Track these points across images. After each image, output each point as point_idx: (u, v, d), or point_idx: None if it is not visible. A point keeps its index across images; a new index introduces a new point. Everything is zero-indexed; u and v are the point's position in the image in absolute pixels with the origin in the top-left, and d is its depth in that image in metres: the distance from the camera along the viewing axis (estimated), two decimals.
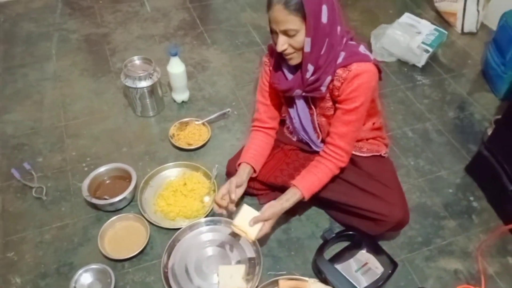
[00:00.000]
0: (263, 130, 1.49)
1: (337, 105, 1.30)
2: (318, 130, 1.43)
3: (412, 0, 2.78)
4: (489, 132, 1.72)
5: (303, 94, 1.31)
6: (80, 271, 1.36)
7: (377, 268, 1.37)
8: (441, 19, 2.60)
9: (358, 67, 1.21)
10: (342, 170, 1.39)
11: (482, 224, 1.58)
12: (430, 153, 1.83)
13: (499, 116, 1.67)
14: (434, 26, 2.28)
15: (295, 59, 1.22)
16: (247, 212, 1.31)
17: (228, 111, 1.93)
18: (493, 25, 2.33)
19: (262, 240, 1.48)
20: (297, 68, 1.26)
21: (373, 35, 2.33)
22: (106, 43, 2.38)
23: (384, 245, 1.48)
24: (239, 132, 1.89)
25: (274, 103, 1.45)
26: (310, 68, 1.21)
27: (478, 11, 2.41)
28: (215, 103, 2.02)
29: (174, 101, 2.01)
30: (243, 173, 1.40)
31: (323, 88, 1.26)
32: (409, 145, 1.86)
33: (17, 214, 1.56)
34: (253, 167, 1.43)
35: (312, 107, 1.37)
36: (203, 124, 1.86)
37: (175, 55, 1.83)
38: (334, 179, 1.45)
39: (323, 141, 1.47)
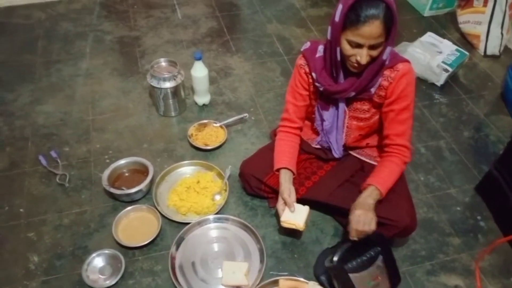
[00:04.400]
0: (292, 130, 1.55)
1: (385, 108, 1.36)
2: (346, 134, 1.49)
3: (437, 21, 2.80)
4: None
5: (354, 95, 1.36)
6: (93, 255, 1.45)
7: (384, 283, 1.39)
8: (465, 41, 2.61)
9: (404, 66, 1.30)
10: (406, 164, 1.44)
11: (487, 244, 1.58)
12: (441, 171, 1.85)
13: None
14: (456, 47, 2.30)
15: (363, 67, 1.25)
16: (297, 209, 1.44)
17: (246, 116, 2.00)
18: None
19: (267, 241, 1.54)
20: (349, 71, 1.30)
21: None
22: (137, 45, 2.50)
23: None
24: (254, 136, 1.96)
25: (303, 105, 1.50)
26: (373, 72, 1.27)
27: (502, 34, 2.42)
28: (234, 108, 2.10)
29: (196, 103, 2.10)
30: (286, 179, 1.47)
31: (373, 90, 1.33)
32: (421, 161, 1.88)
33: (40, 197, 1.67)
34: (292, 171, 1.49)
35: (346, 109, 1.43)
36: (221, 126, 1.94)
37: (199, 59, 1.92)
38: (342, 184, 1.49)
39: (345, 147, 1.53)
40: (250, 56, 2.46)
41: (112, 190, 1.60)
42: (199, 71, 1.96)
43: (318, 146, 1.58)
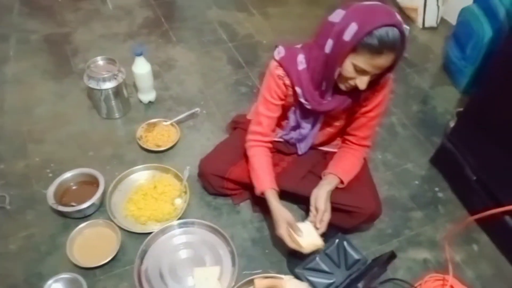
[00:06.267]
0: (265, 144, 1.42)
1: (360, 114, 1.33)
2: (316, 137, 1.46)
3: None
4: (451, 124, 1.79)
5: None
6: (49, 281, 1.31)
7: None
8: (403, 14, 2.67)
9: (386, 77, 1.21)
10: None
11: (448, 214, 1.64)
12: (397, 147, 1.88)
13: (461, 109, 1.74)
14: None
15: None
16: (303, 229, 1.31)
17: (197, 111, 1.91)
18: (453, 20, 2.41)
19: (236, 240, 1.49)
20: (336, 86, 1.21)
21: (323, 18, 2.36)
22: (67, 43, 2.30)
23: (356, 238, 1.52)
24: (209, 131, 1.87)
25: (277, 115, 1.39)
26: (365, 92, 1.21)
27: (438, 6, 2.49)
28: (183, 103, 2.00)
29: (141, 101, 1.97)
30: (278, 201, 1.34)
31: (357, 101, 1.28)
32: (377, 139, 1.89)
33: None
34: (276, 190, 1.37)
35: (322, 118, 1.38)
36: (172, 124, 1.84)
37: (140, 55, 1.79)
38: (306, 175, 1.47)
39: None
40: (193, 45, 2.35)
41: (61, 208, 1.46)
42: (141, 68, 1.83)
43: (280, 140, 1.53)
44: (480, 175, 1.57)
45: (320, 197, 1.33)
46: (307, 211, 1.39)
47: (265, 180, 1.36)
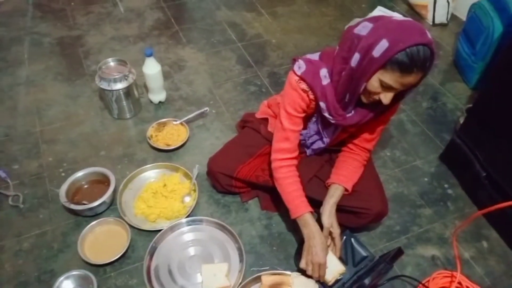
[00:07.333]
0: (293, 162, 1.36)
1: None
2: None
3: None
4: (461, 121, 1.77)
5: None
6: (61, 278, 1.34)
7: None
8: (413, 12, 2.65)
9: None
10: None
11: (457, 211, 1.63)
12: (406, 144, 1.87)
13: (471, 105, 1.72)
14: (409, 18, 2.32)
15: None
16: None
17: (206, 110, 1.93)
18: (463, 16, 2.39)
19: (244, 237, 1.50)
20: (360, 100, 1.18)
21: (346, 28, 2.35)
22: (79, 45, 2.34)
23: (363, 235, 1.52)
24: (218, 130, 1.89)
25: (301, 128, 1.34)
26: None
27: (448, 2, 2.47)
28: (193, 103, 2.02)
29: (151, 102, 2.00)
30: (314, 224, 1.30)
31: (379, 115, 1.27)
32: (386, 137, 1.89)
33: None
34: (311, 212, 1.34)
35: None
36: (181, 124, 1.86)
37: (150, 55, 1.82)
38: (312, 179, 1.46)
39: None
40: (203, 46, 2.37)
41: (73, 206, 1.49)
42: (151, 68, 1.86)
43: None
44: (489, 171, 1.55)
45: (323, 213, 1.33)
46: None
47: (301, 204, 1.32)
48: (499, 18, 1.93)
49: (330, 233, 1.34)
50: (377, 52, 1.01)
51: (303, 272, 1.37)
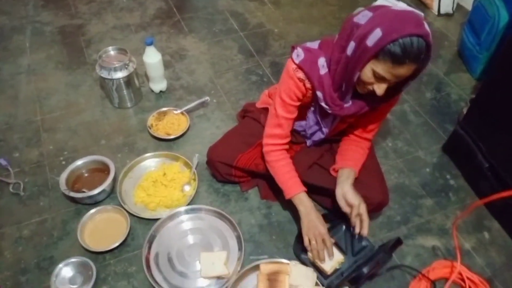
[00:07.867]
0: (284, 147, 1.38)
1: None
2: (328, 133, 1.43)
3: None
4: (465, 111, 1.75)
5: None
6: (60, 265, 1.35)
7: None
8: (418, 1, 2.61)
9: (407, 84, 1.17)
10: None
11: (459, 202, 1.61)
12: (408, 134, 1.85)
13: (474, 96, 1.70)
14: (411, 8, 2.28)
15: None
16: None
17: (207, 100, 1.91)
18: (469, 5, 2.35)
19: (243, 226, 1.50)
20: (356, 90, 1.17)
21: (348, 17, 2.32)
22: (81, 34, 2.33)
23: None
24: (219, 120, 1.88)
25: (295, 116, 1.34)
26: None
27: None
28: (194, 92, 2.01)
29: (152, 91, 1.99)
30: (309, 201, 1.33)
31: (377, 107, 1.25)
32: (388, 127, 1.87)
33: None
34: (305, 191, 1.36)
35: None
36: (182, 113, 1.85)
37: (150, 44, 1.81)
38: (312, 165, 1.46)
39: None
40: (205, 35, 2.35)
41: (72, 194, 1.49)
42: (152, 57, 1.84)
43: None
44: (492, 162, 1.53)
45: (347, 192, 1.29)
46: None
47: (295, 184, 1.34)
48: (505, 7, 1.90)
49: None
50: (370, 41, 0.99)
51: (301, 261, 1.37)
